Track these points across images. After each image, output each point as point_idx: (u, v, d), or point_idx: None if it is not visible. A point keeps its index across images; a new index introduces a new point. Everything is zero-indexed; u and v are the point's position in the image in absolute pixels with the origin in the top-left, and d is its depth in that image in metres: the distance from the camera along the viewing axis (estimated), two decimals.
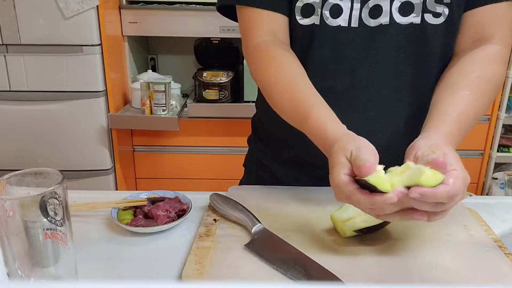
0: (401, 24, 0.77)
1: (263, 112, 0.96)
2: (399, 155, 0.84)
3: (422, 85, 0.82)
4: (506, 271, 0.63)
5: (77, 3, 1.83)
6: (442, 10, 0.77)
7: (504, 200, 0.89)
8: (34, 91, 1.96)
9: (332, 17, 0.78)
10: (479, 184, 2.39)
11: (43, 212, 0.55)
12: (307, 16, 0.79)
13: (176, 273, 0.65)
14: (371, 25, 0.78)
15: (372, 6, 0.77)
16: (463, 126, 0.70)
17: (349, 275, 0.62)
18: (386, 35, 0.78)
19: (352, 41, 0.79)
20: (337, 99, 0.81)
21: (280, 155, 0.94)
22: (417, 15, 0.77)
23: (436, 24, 0.77)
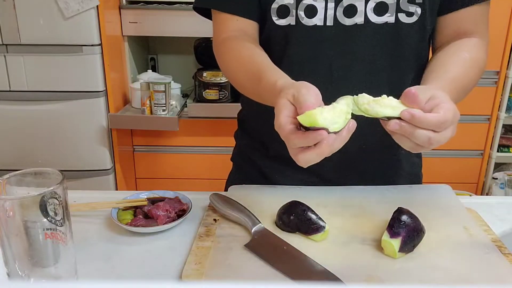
0: (376, 23, 0.79)
1: (248, 108, 0.98)
2: (374, 151, 0.86)
3: (398, 82, 0.84)
4: (505, 271, 0.63)
5: (77, 3, 1.83)
6: (414, 9, 0.79)
7: (504, 200, 0.89)
8: (34, 91, 1.96)
9: (308, 17, 0.80)
10: (479, 184, 2.39)
11: (43, 212, 0.55)
12: (283, 17, 0.81)
13: (176, 273, 0.65)
14: (346, 24, 0.80)
15: (346, 6, 0.79)
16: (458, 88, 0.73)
17: (349, 275, 0.62)
18: (361, 34, 0.80)
19: (328, 40, 0.81)
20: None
21: (266, 150, 0.95)
22: (391, 15, 0.79)
23: (410, 23, 0.80)
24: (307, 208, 0.72)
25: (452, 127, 0.61)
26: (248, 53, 0.81)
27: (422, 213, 0.71)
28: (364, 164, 0.90)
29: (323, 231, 0.69)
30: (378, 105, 0.60)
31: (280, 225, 0.74)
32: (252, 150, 0.98)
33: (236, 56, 0.82)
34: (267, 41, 0.86)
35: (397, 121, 0.60)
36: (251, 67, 0.79)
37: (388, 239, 0.66)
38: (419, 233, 0.68)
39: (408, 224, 0.67)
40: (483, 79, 2.18)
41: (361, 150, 0.87)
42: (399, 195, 0.84)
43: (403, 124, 0.60)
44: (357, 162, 0.89)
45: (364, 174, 0.90)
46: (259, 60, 0.79)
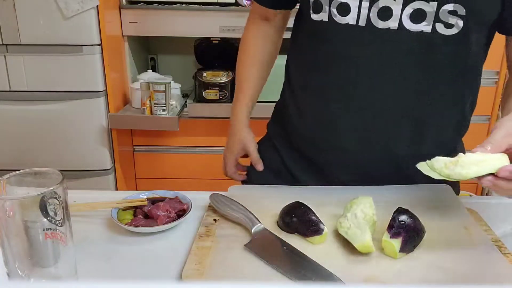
0: (410, 30, 0.76)
1: (283, 94, 1.00)
2: (398, 158, 0.85)
3: (427, 92, 0.81)
4: (505, 271, 0.63)
5: (77, 3, 1.83)
6: (455, 21, 0.74)
7: (504, 200, 0.89)
8: (34, 91, 1.96)
9: (340, 15, 0.78)
10: (479, 184, 2.38)
11: (43, 212, 0.55)
12: (317, 12, 0.81)
13: (176, 273, 0.65)
14: (379, 26, 0.77)
15: (382, 7, 0.76)
16: None
17: (349, 275, 0.62)
18: (393, 40, 0.77)
19: (358, 41, 0.79)
20: (340, 95, 0.83)
21: (291, 142, 0.96)
22: (428, 24, 0.75)
23: (448, 35, 0.76)
24: (308, 209, 0.72)
25: None
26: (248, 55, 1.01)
27: (422, 213, 0.71)
28: (385, 166, 0.88)
29: (321, 233, 0.69)
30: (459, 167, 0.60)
31: (281, 226, 0.74)
32: (280, 139, 0.99)
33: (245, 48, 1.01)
34: (303, 34, 0.88)
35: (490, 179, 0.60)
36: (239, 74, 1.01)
37: (389, 239, 0.66)
38: (419, 233, 0.68)
39: (408, 224, 0.67)
40: (483, 79, 2.17)
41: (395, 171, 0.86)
42: (399, 195, 0.84)
43: (498, 183, 0.60)
44: (379, 164, 0.87)
45: (384, 177, 0.88)
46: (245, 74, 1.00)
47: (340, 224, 0.70)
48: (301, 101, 0.91)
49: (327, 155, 0.89)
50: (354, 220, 0.69)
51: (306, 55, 0.87)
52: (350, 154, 0.87)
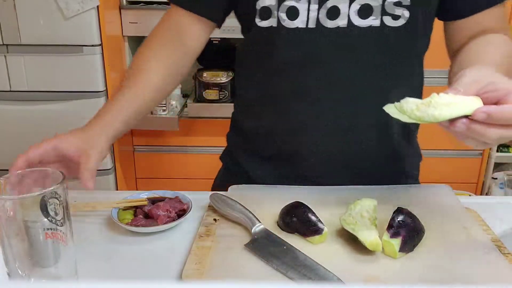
0: (360, 26, 0.77)
1: (242, 109, 0.97)
2: (369, 149, 0.87)
3: (386, 85, 0.82)
4: (505, 271, 0.63)
5: (78, 3, 1.83)
6: (401, 12, 0.76)
7: (503, 200, 0.89)
8: (34, 91, 1.96)
9: (289, 19, 0.78)
10: (478, 184, 2.39)
11: (44, 212, 0.55)
12: (265, 19, 0.80)
13: (176, 273, 0.65)
14: (328, 26, 0.77)
15: (330, 8, 0.77)
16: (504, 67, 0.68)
17: (349, 275, 0.62)
18: (344, 37, 0.78)
19: (310, 42, 0.79)
20: (302, 99, 0.83)
21: (256, 153, 0.93)
22: (376, 18, 0.76)
23: (396, 26, 0.77)
24: (308, 209, 0.72)
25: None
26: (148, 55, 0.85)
27: (421, 213, 0.72)
28: (362, 165, 0.89)
29: (321, 233, 0.69)
30: (432, 108, 0.54)
31: (281, 225, 0.74)
32: (241, 153, 0.96)
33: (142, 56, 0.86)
34: (253, 43, 0.86)
35: (464, 122, 0.53)
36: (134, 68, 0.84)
37: (388, 239, 0.66)
38: (419, 233, 0.68)
39: (408, 224, 0.67)
40: None
41: (361, 151, 0.86)
42: (399, 195, 0.84)
43: (473, 126, 0.54)
44: (355, 164, 0.88)
45: (361, 176, 0.89)
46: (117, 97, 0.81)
47: (344, 221, 0.69)
48: (261, 110, 0.89)
49: (298, 162, 0.89)
50: (360, 218, 0.69)
51: (259, 63, 0.86)
52: (319, 155, 0.87)
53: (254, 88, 0.90)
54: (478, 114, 0.53)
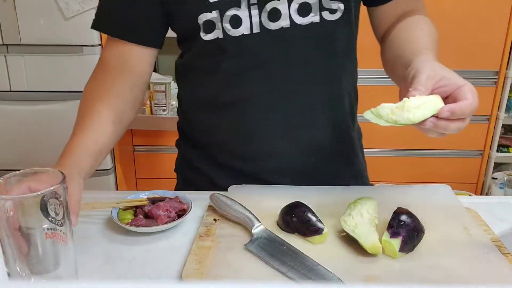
0: (302, 25, 0.79)
1: (191, 120, 0.96)
2: (322, 146, 0.89)
3: (335, 80, 0.86)
4: (505, 271, 0.63)
5: (78, 3, 1.83)
6: (337, 6, 0.80)
7: (503, 200, 0.89)
8: (34, 91, 1.96)
9: (234, 28, 0.79)
10: (478, 184, 2.39)
11: (44, 212, 0.55)
12: (209, 32, 0.80)
13: (176, 273, 0.65)
14: (272, 28, 0.79)
15: (270, 10, 0.78)
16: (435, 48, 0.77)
17: (349, 275, 0.63)
18: (289, 37, 0.80)
19: (257, 47, 0.80)
20: (254, 103, 0.85)
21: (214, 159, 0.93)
22: (316, 14, 0.79)
23: (334, 19, 0.80)
24: (308, 209, 0.73)
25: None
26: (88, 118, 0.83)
27: (422, 213, 0.72)
28: (321, 171, 0.91)
29: (321, 233, 0.69)
30: (406, 111, 0.61)
31: (281, 226, 0.74)
32: (199, 159, 0.95)
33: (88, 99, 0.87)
34: (198, 56, 0.85)
35: (432, 121, 0.62)
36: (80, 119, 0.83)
37: (388, 239, 0.66)
38: (419, 233, 0.68)
39: (408, 224, 0.67)
40: (483, 79, 2.18)
41: (315, 148, 0.89)
42: (399, 195, 0.84)
43: (439, 123, 0.62)
44: (315, 171, 0.90)
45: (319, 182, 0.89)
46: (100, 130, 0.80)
47: (345, 222, 0.70)
48: (213, 118, 0.89)
49: (256, 164, 0.90)
50: (360, 219, 0.69)
51: (209, 74, 0.85)
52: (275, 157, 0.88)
53: (202, 100, 0.90)
54: (444, 112, 0.61)
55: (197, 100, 0.92)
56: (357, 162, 0.98)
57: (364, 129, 1.00)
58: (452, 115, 0.61)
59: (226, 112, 0.87)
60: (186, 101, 0.95)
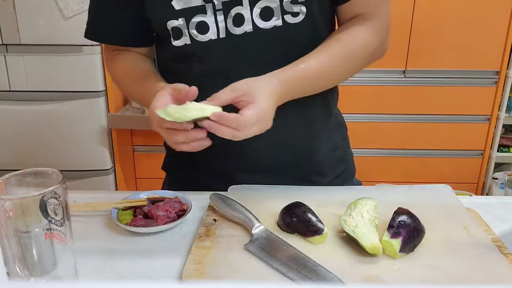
0: (265, 28, 0.80)
1: None
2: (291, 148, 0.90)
3: None
4: (505, 271, 0.63)
5: (77, 3, 1.83)
6: (299, 9, 0.80)
7: (504, 200, 0.89)
8: (34, 91, 1.96)
9: (201, 34, 0.80)
10: (479, 184, 2.39)
11: (43, 212, 0.55)
12: (177, 38, 0.82)
13: (176, 273, 0.65)
14: (237, 33, 0.80)
15: (235, 15, 0.79)
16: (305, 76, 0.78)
17: (349, 275, 0.62)
18: (253, 42, 0.81)
19: (224, 52, 0.82)
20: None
21: (194, 160, 0.94)
22: (278, 18, 0.80)
23: (297, 22, 0.80)
24: (308, 209, 0.72)
25: (259, 125, 0.71)
26: (132, 59, 0.90)
27: (422, 213, 0.71)
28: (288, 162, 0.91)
29: (321, 233, 0.69)
30: (185, 111, 0.70)
31: (281, 226, 0.74)
32: (181, 159, 0.97)
33: (123, 64, 0.91)
34: (172, 60, 0.87)
35: (207, 122, 0.71)
36: (135, 71, 0.89)
37: (389, 239, 0.66)
38: (419, 233, 0.68)
39: (408, 224, 0.67)
40: (483, 79, 2.18)
41: (287, 150, 0.89)
42: (399, 195, 0.84)
43: (210, 123, 0.70)
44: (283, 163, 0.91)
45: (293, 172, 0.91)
46: (142, 66, 0.89)
47: (345, 222, 0.70)
48: None
49: (228, 165, 0.91)
50: (360, 219, 0.69)
51: (181, 78, 0.84)
52: (247, 161, 0.89)
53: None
54: (212, 116, 0.70)
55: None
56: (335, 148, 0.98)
57: (366, 129, 1.00)
58: (219, 119, 0.69)
59: None
60: None
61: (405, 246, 0.66)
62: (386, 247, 0.66)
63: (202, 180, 0.94)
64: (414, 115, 2.25)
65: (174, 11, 0.79)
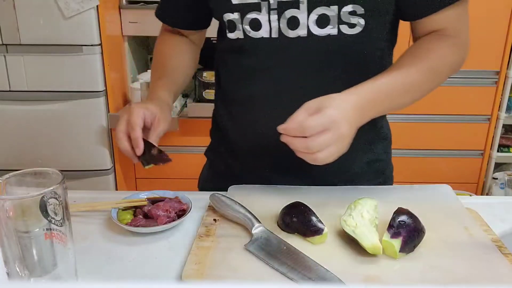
0: (319, 35, 0.80)
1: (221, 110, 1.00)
2: None
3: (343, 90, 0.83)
4: (505, 271, 0.63)
5: (77, 3, 1.83)
6: (357, 21, 0.79)
7: (504, 200, 0.89)
8: (34, 91, 1.96)
9: (254, 30, 0.82)
10: (479, 184, 2.39)
11: (43, 212, 0.55)
12: (232, 31, 0.85)
13: (176, 273, 0.65)
14: (290, 36, 0.81)
15: (289, 18, 0.80)
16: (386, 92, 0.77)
17: (349, 275, 0.62)
18: (306, 46, 0.81)
19: (274, 51, 0.82)
20: (264, 105, 0.87)
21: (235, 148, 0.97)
22: (334, 27, 0.79)
23: (353, 34, 0.80)
24: (308, 209, 0.72)
25: (331, 132, 0.67)
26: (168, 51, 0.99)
27: (422, 213, 0.71)
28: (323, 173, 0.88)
29: (321, 234, 0.69)
30: None
31: (281, 226, 0.74)
32: (224, 148, 1.00)
33: (160, 49, 1.00)
34: (225, 52, 0.91)
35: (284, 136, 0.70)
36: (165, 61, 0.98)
37: (389, 239, 0.66)
38: (419, 233, 0.68)
39: (408, 224, 0.67)
40: (483, 79, 2.18)
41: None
42: (399, 195, 0.84)
43: (284, 137, 0.70)
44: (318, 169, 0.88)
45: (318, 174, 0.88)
46: (173, 61, 0.98)
47: (345, 222, 0.69)
48: (232, 111, 0.94)
49: (264, 161, 0.92)
50: (360, 219, 0.69)
51: (230, 69, 0.91)
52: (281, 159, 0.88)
53: (227, 92, 0.95)
54: (279, 129, 0.70)
55: (221, 94, 0.97)
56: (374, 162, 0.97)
57: None
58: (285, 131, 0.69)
59: (240, 109, 0.91)
60: (216, 92, 1.01)
61: (405, 246, 0.66)
62: (386, 247, 0.66)
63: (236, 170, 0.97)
64: (414, 115, 2.25)
65: (231, 5, 0.82)
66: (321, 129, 0.67)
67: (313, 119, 0.67)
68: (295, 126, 0.68)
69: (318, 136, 0.67)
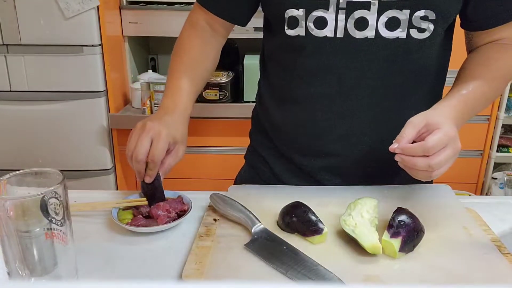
0: (387, 38, 0.79)
1: (262, 107, 0.98)
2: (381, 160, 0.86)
3: (409, 96, 0.85)
4: (505, 271, 0.63)
5: (78, 3, 1.83)
6: (427, 26, 0.78)
7: (503, 200, 0.89)
8: (34, 91, 1.96)
9: (317, 29, 0.80)
10: (478, 184, 2.39)
11: (44, 212, 0.55)
12: (292, 28, 0.82)
13: (176, 273, 0.65)
14: (357, 36, 0.79)
15: (358, 18, 0.78)
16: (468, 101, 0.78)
17: (349, 275, 0.63)
18: (372, 48, 0.80)
19: (338, 51, 0.81)
20: (324, 105, 0.85)
21: (277, 149, 0.96)
22: (403, 30, 0.79)
23: (421, 38, 0.80)
24: (308, 209, 0.73)
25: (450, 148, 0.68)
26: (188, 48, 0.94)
27: (422, 213, 0.72)
28: (369, 166, 0.90)
29: (321, 233, 0.69)
30: None
31: (281, 225, 0.74)
32: (264, 148, 0.99)
33: (183, 45, 0.94)
34: (279, 49, 0.88)
35: (398, 155, 0.69)
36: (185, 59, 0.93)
37: (388, 239, 0.66)
38: (419, 233, 0.68)
39: (408, 224, 0.67)
40: None
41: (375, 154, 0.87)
42: (399, 195, 0.84)
43: (403, 157, 0.68)
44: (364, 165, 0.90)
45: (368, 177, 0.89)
46: (195, 60, 0.93)
47: (344, 222, 0.70)
48: (284, 111, 0.92)
49: (315, 162, 0.91)
50: (360, 219, 0.69)
51: (286, 69, 0.88)
52: (335, 159, 0.89)
53: (276, 93, 0.93)
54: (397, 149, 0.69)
55: (271, 92, 0.95)
56: None
57: None
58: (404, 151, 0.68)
59: (296, 108, 0.89)
60: (263, 89, 0.98)
61: (405, 246, 0.66)
62: (385, 247, 0.67)
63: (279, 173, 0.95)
64: None
65: (297, 1, 0.79)
66: (442, 146, 0.67)
67: (434, 138, 0.67)
68: (416, 146, 0.67)
69: (438, 154, 0.67)
